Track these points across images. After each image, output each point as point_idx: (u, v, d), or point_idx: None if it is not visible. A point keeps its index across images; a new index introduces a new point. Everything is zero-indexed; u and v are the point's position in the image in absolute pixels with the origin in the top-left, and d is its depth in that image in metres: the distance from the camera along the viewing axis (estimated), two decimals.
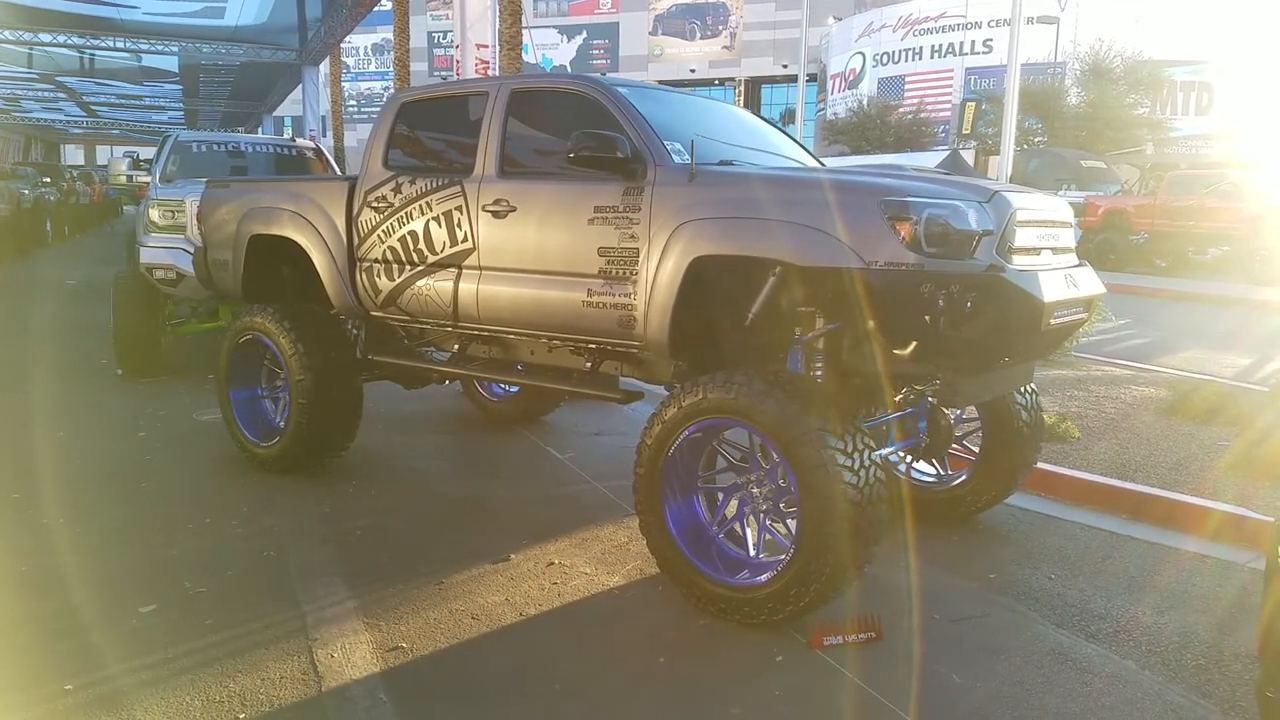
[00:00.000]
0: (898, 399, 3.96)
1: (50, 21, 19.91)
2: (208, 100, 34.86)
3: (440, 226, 4.34)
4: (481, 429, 6.26)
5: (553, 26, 52.40)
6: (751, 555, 3.53)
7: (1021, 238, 3.38)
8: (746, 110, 5.48)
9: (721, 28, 50.67)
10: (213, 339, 6.68)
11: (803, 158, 4.72)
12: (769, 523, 3.50)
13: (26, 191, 18.47)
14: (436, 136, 4.83)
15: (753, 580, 3.38)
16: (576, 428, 6.25)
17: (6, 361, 7.94)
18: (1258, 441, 5.44)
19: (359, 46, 54.21)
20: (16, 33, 20.36)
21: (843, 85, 41.54)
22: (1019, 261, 3.33)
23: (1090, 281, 3.74)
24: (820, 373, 3.60)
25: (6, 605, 3.45)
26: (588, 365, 4.23)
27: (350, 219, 4.75)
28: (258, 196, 5.29)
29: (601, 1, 52.64)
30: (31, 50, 22.88)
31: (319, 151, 9.27)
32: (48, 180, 22.58)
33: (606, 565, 3.91)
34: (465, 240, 4.25)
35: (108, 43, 21.42)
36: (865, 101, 36.72)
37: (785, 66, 45.02)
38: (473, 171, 4.28)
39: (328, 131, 24.77)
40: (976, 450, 4.46)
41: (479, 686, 2.97)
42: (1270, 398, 6.52)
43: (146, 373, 7.29)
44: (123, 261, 11.08)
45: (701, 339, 3.83)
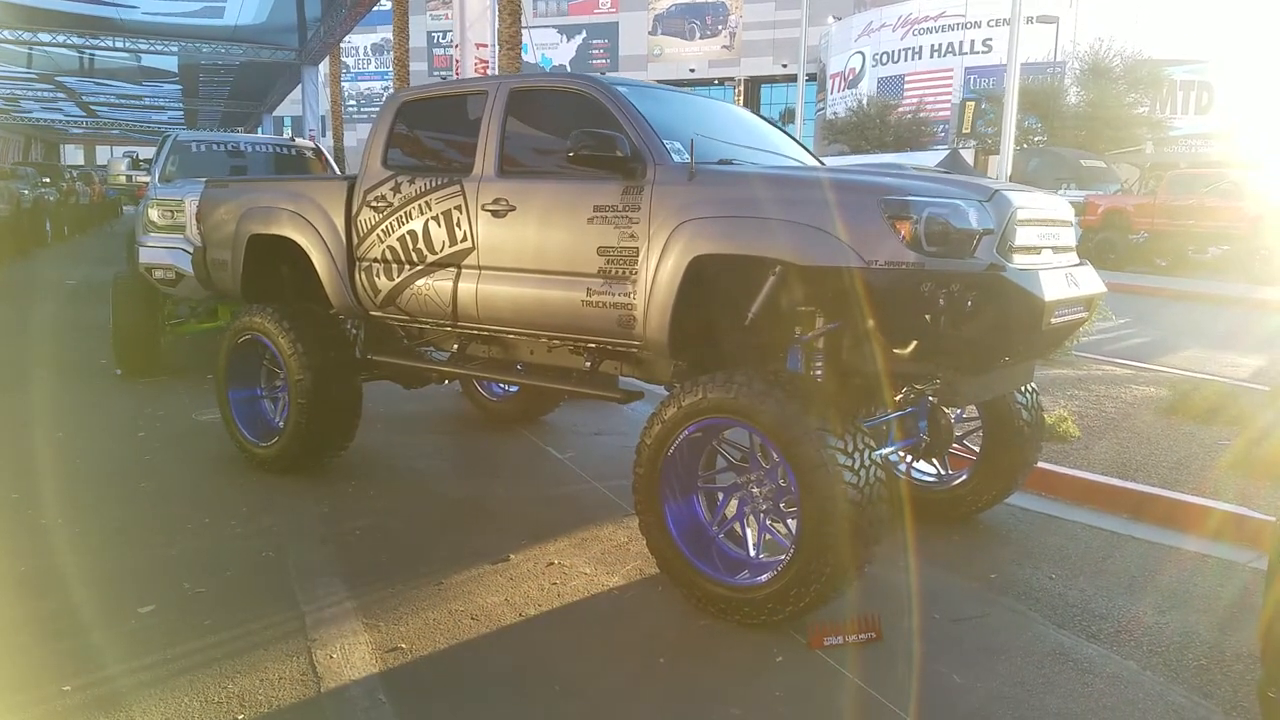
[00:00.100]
0: (898, 398, 3.95)
1: (50, 21, 19.90)
2: (207, 100, 34.87)
3: (439, 226, 4.33)
4: (481, 429, 6.25)
5: (552, 26, 52.41)
6: (751, 555, 3.53)
7: (1022, 237, 3.37)
8: (746, 109, 5.47)
9: (721, 27, 50.67)
10: (212, 339, 6.67)
11: (803, 157, 4.72)
12: (769, 523, 3.50)
13: (26, 191, 18.46)
14: (436, 136, 4.82)
15: (753, 580, 3.37)
16: (576, 427, 6.24)
17: (6, 361, 7.93)
18: (1258, 441, 5.44)
19: (358, 46, 54.22)
20: (16, 32, 20.35)
21: (842, 85, 41.54)
22: (1020, 260, 3.33)
23: (1091, 280, 3.73)
24: (820, 372, 3.60)
25: (5, 605, 3.45)
26: (587, 365, 4.23)
27: (349, 219, 4.74)
28: (257, 196, 5.28)
29: (601, 1, 52.65)
30: (31, 50, 22.88)
31: (318, 151, 9.26)
32: (47, 180, 22.58)
33: (606, 565, 3.90)
34: (464, 240, 4.24)
35: (107, 42, 21.42)
36: (865, 101, 36.72)
37: (785, 66, 45.03)
38: (472, 171, 4.27)
39: (327, 131, 24.77)
40: (977, 450, 4.46)
41: (478, 687, 2.97)
42: (1270, 397, 6.51)
43: (146, 373, 7.29)
44: (122, 261, 11.07)
45: (701, 338, 3.82)
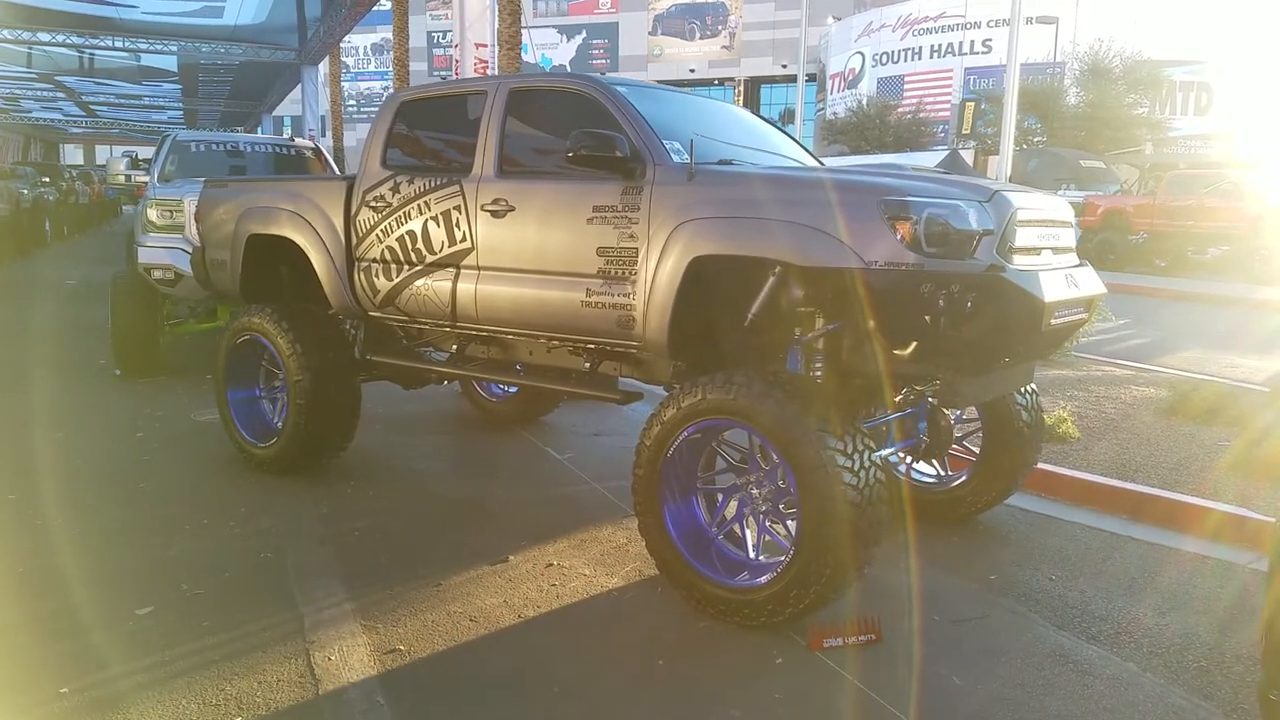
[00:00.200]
0: (898, 399, 3.95)
1: (49, 21, 19.90)
2: (207, 100, 34.87)
3: (439, 226, 4.32)
4: (480, 429, 6.24)
5: (552, 26, 52.41)
6: (751, 557, 3.52)
7: (1022, 237, 3.36)
8: (746, 110, 5.46)
9: (721, 27, 50.67)
10: (211, 339, 6.66)
11: (802, 157, 4.71)
12: (768, 524, 3.49)
13: (26, 191, 18.44)
14: (435, 136, 4.81)
15: (752, 582, 3.36)
16: (575, 428, 6.24)
17: (6, 361, 7.92)
18: (1258, 441, 5.43)
19: (358, 46, 54.21)
20: (15, 32, 20.35)
21: (842, 85, 41.53)
22: (1019, 261, 3.32)
23: (1091, 281, 3.72)
24: (820, 373, 3.59)
25: (3, 606, 3.44)
26: (586, 365, 4.22)
27: (348, 219, 4.73)
28: (255, 196, 5.27)
29: (601, 1, 52.64)
30: (30, 50, 22.87)
31: (318, 151, 9.25)
32: (47, 180, 22.58)
33: (605, 567, 3.90)
34: (464, 240, 4.24)
35: (107, 42, 21.43)
36: (865, 101, 36.71)
37: (784, 66, 45.03)
38: (471, 171, 4.27)
39: (327, 131, 24.78)
40: (977, 451, 4.45)
41: (477, 689, 2.96)
42: (1270, 398, 6.51)
43: (145, 373, 7.28)
44: (122, 261, 11.06)
45: (701, 339, 3.81)
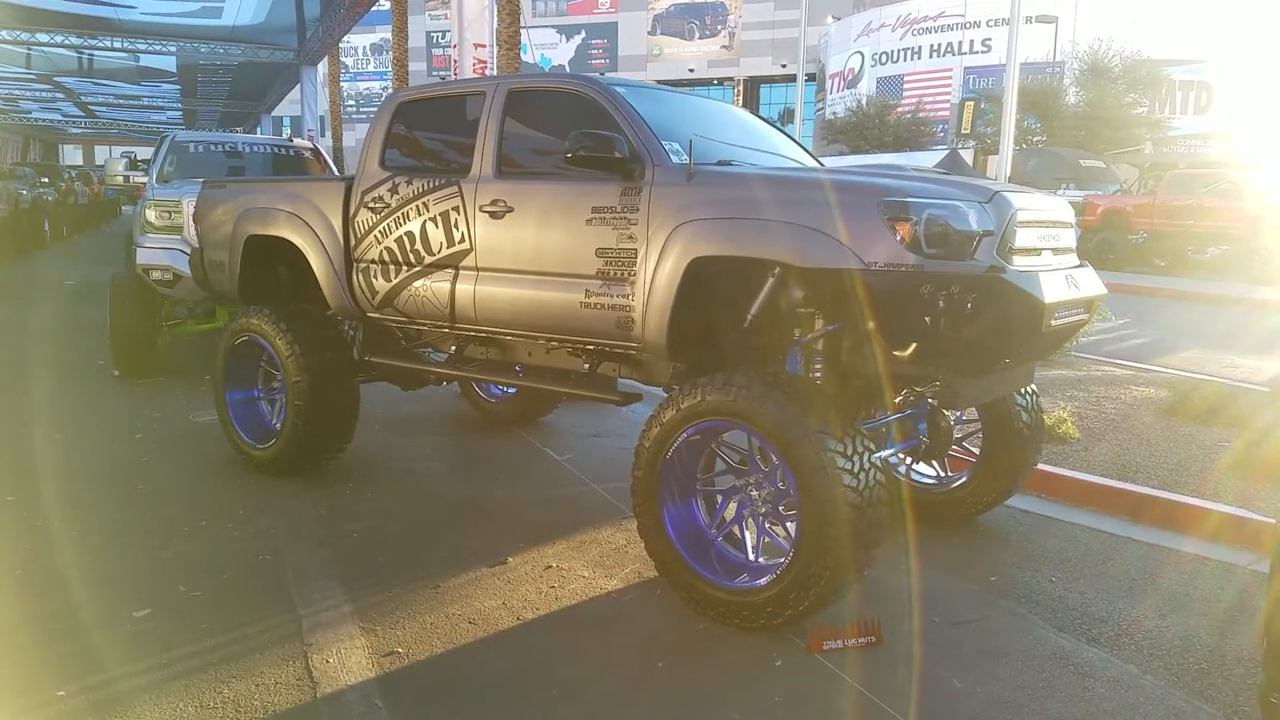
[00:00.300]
0: (898, 400, 3.94)
1: (48, 21, 19.90)
2: (206, 100, 34.87)
3: (437, 227, 4.31)
4: (479, 430, 6.23)
5: (551, 26, 52.38)
6: (750, 558, 3.51)
7: (1022, 238, 3.35)
8: (745, 110, 5.46)
9: (720, 27, 50.66)
10: (210, 340, 6.65)
11: (802, 158, 4.70)
12: (768, 526, 3.48)
13: (24, 192, 18.43)
14: (433, 136, 4.80)
15: (752, 584, 3.35)
16: (575, 429, 6.23)
17: (5, 362, 7.91)
18: (1258, 442, 5.42)
19: (357, 46, 54.19)
20: (14, 33, 20.35)
21: (841, 85, 41.52)
22: (1020, 262, 3.31)
23: (1091, 282, 3.71)
24: (819, 374, 3.58)
25: (2, 608, 3.43)
26: (585, 367, 4.21)
27: (347, 219, 4.72)
28: (254, 197, 5.26)
29: (600, 1, 52.62)
30: (29, 50, 22.86)
31: (316, 152, 9.24)
32: (46, 181, 22.56)
33: (605, 568, 3.89)
34: (462, 241, 4.23)
35: (105, 43, 21.43)
36: (864, 101, 36.70)
37: (784, 66, 45.01)
38: (470, 172, 4.26)
39: (326, 131, 24.76)
40: (977, 452, 4.45)
41: (476, 691, 2.95)
42: (1270, 398, 6.50)
43: (143, 374, 7.27)
44: (120, 262, 11.05)
45: (700, 340, 3.80)
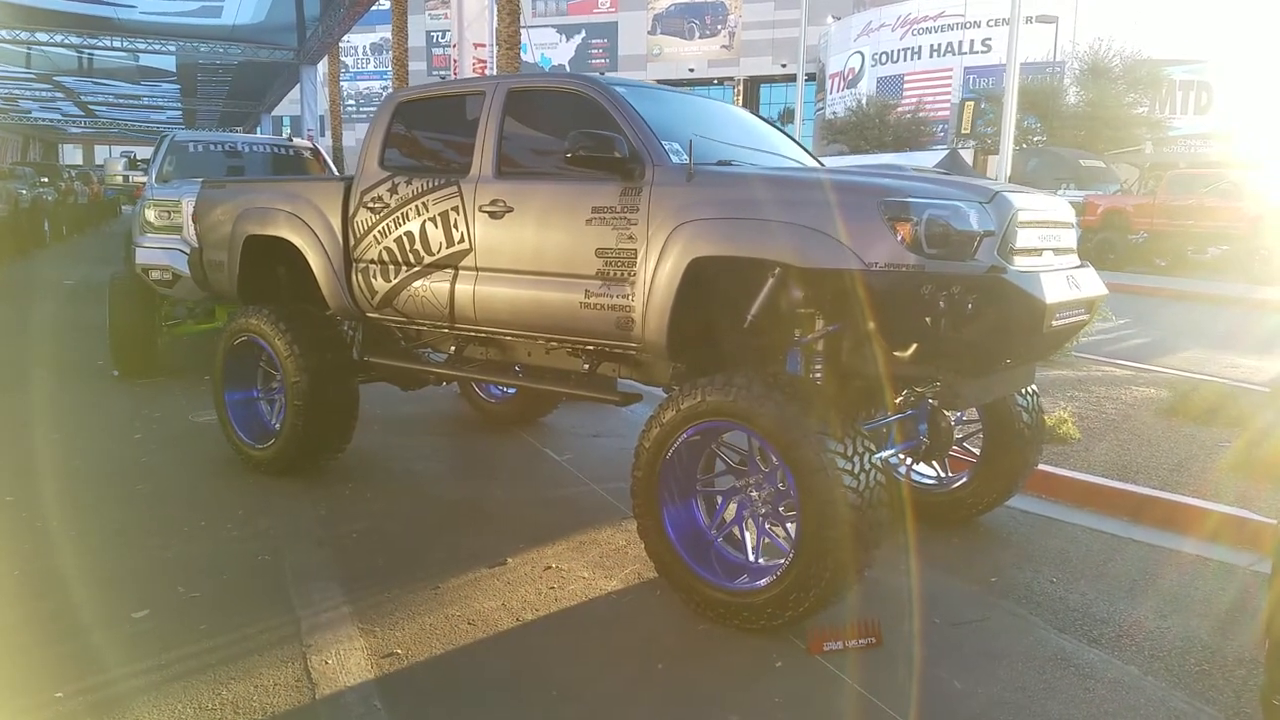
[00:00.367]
0: (898, 401, 3.93)
1: (48, 21, 19.89)
2: (206, 100, 34.87)
3: (436, 227, 4.31)
4: (479, 430, 6.23)
5: (551, 26, 52.37)
6: (750, 559, 3.50)
7: (1023, 239, 3.35)
8: (745, 110, 5.45)
9: (720, 27, 50.64)
10: (209, 340, 6.64)
11: (802, 158, 4.69)
12: (768, 526, 3.47)
13: (24, 191, 18.43)
14: (433, 136, 4.80)
15: (752, 585, 3.35)
16: (574, 429, 6.22)
17: (4, 362, 7.90)
18: (1258, 442, 5.41)
19: (357, 46, 54.17)
20: (14, 32, 20.34)
21: (841, 85, 41.51)
22: (1020, 263, 3.30)
23: (1092, 283, 3.71)
24: (820, 375, 3.57)
25: (1, 608, 3.43)
26: (585, 367, 4.20)
27: (346, 219, 4.71)
28: (253, 197, 5.25)
29: (600, 1, 52.60)
30: (29, 50, 22.86)
31: (316, 151, 9.23)
32: (45, 180, 22.56)
33: (604, 569, 3.88)
34: (462, 241, 4.22)
35: (105, 42, 21.42)
36: (864, 101, 36.69)
37: (784, 66, 44.99)
38: (469, 172, 4.25)
39: (326, 131, 24.75)
40: (977, 452, 4.44)
41: (475, 693, 2.94)
42: (1270, 398, 6.49)
43: (143, 374, 7.26)
44: (120, 262, 11.04)
45: (700, 341, 3.79)
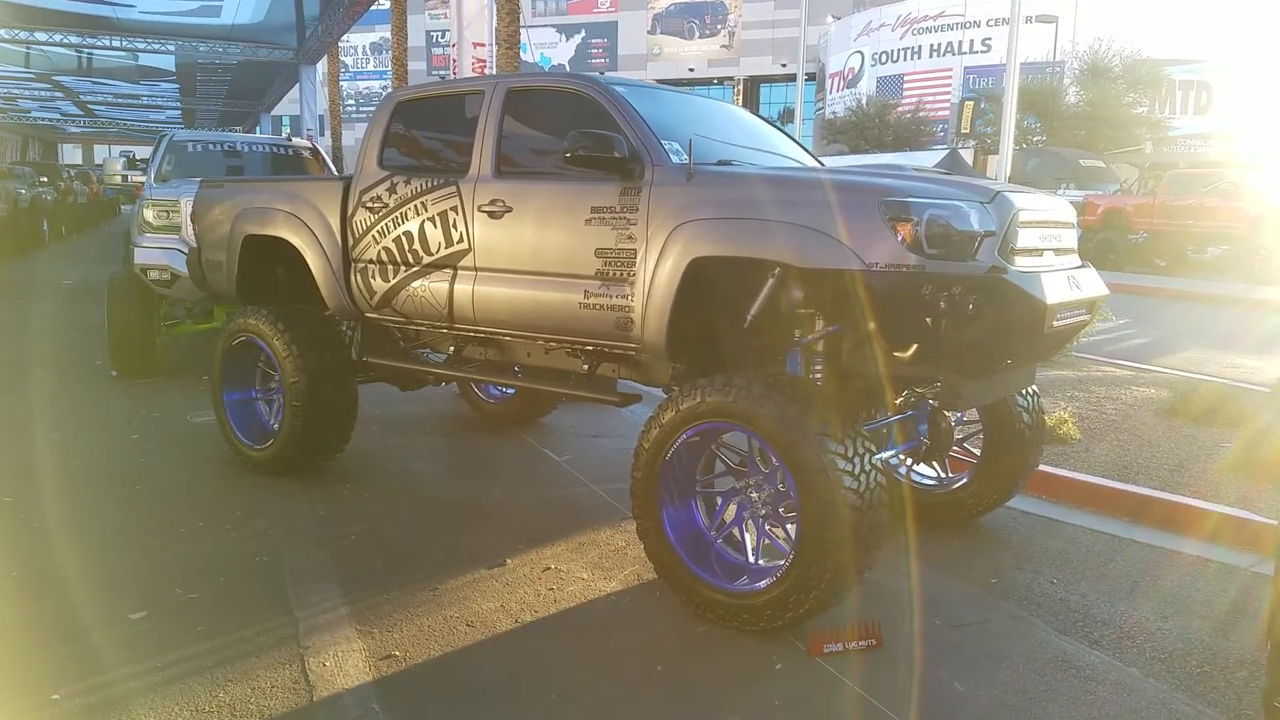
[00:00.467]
0: (898, 402, 3.92)
1: (47, 20, 19.87)
2: (205, 99, 34.83)
3: (435, 227, 4.29)
4: (478, 431, 6.21)
5: (551, 25, 52.36)
6: (750, 561, 3.49)
7: (1024, 239, 3.33)
8: (745, 109, 5.43)
9: (720, 27, 50.63)
10: (208, 340, 6.62)
11: (802, 157, 4.68)
12: (768, 528, 3.46)
13: (23, 191, 18.42)
14: (432, 136, 4.78)
15: (751, 586, 3.33)
16: (574, 430, 6.21)
17: (3, 362, 7.89)
18: (1258, 442, 5.40)
19: (357, 45, 54.15)
20: (13, 32, 20.31)
21: (841, 84, 41.51)
22: (1021, 263, 3.29)
23: (1093, 283, 3.70)
24: (820, 375, 3.56)
25: None
26: (585, 367, 4.18)
27: (345, 219, 4.70)
28: (251, 196, 5.24)
29: (600, 1, 52.58)
30: (28, 49, 22.83)
31: (315, 151, 9.22)
32: (45, 180, 22.54)
33: (604, 570, 3.87)
34: (461, 241, 4.20)
35: (104, 41, 21.39)
36: (864, 101, 36.69)
37: (784, 66, 44.98)
38: (468, 171, 4.24)
39: (325, 131, 24.72)
40: (977, 453, 4.43)
41: (473, 695, 2.93)
42: (1270, 398, 6.48)
43: (141, 374, 7.25)
44: (119, 261, 11.03)
45: (700, 341, 3.78)
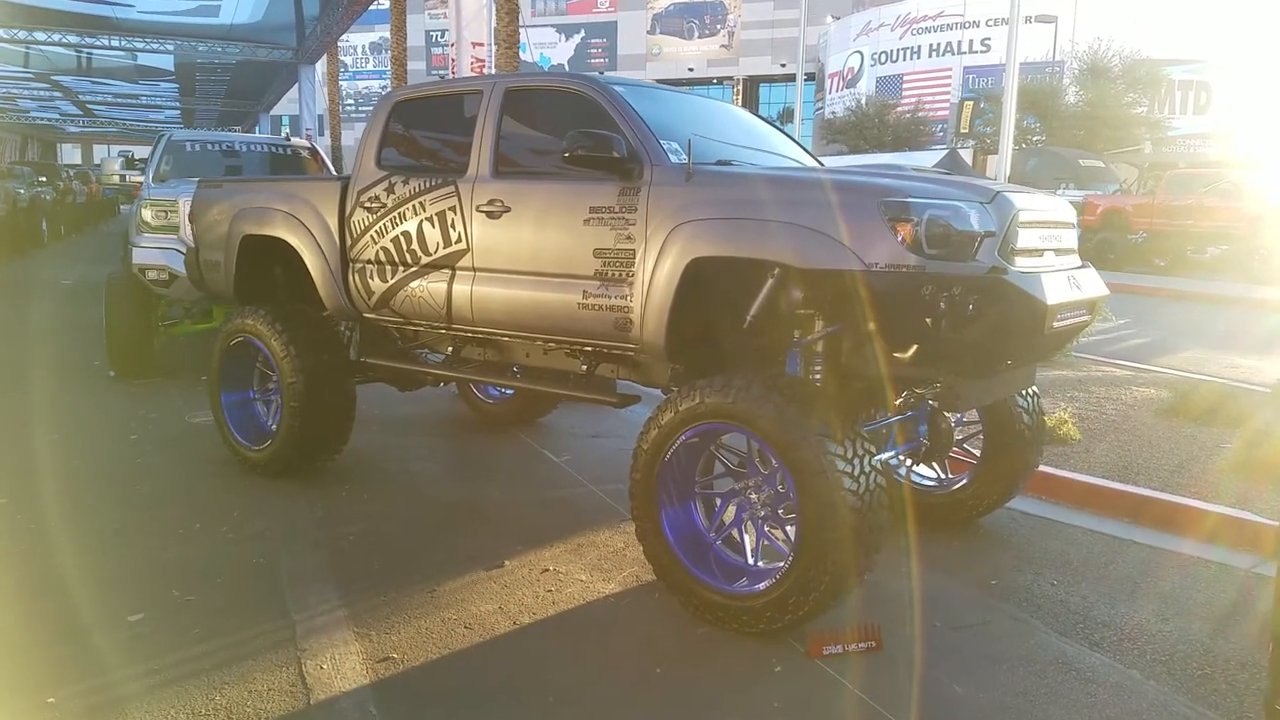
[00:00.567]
0: (898, 402, 3.91)
1: (46, 20, 19.84)
2: (204, 99, 34.80)
3: (434, 227, 4.28)
4: (477, 431, 6.20)
5: (550, 25, 52.36)
6: (750, 562, 3.48)
7: (1024, 239, 3.32)
8: (744, 109, 5.42)
9: (719, 26, 50.61)
10: (206, 340, 6.59)
11: (801, 157, 4.67)
12: (767, 529, 3.45)
13: (22, 191, 18.41)
14: (430, 136, 4.77)
15: (751, 588, 3.32)
16: (573, 430, 6.19)
17: (1, 362, 7.87)
18: (1258, 442, 5.39)
19: (356, 45, 54.14)
20: (12, 31, 20.29)
21: (841, 84, 41.50)
22: (1021, 263, 3.28)
23: (1093, 283, 3.69)
24: (819, 376, 3.54)
25: None
26: (584, 368, 4.17)
27: (343, 219, 4.69)
28: (250, 196, 5.23)
29: (599, 0, 52.56)
30: (28, 49, 22.81)
31: (314, 151, 9.21)
32: (44, 179, 22.53)
33: (602, 572, 3.85)
34: (459, 241, 4.19)
35: (103, 41, 21.37)
36: (863, 101, 36.69)
37: (783, 65, 44.96)
38: (467, 171, 4.22)
39: (324, 130, 24.71)
40: (977, 454, 4.42)
41: (472, 697, 2.92)
42: (1270, 398, 6.47)
43: (139, 374, 7.24)
44: (118, 261, 11.01)
45: (699, 342, 3.77)
